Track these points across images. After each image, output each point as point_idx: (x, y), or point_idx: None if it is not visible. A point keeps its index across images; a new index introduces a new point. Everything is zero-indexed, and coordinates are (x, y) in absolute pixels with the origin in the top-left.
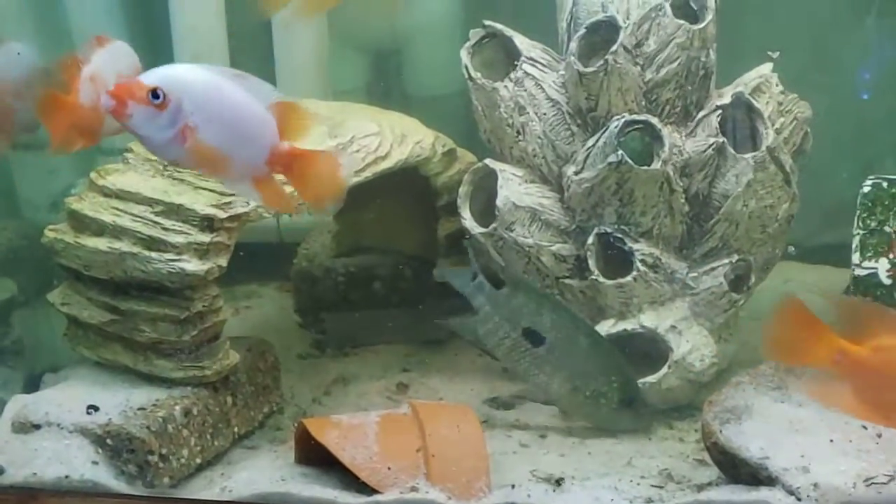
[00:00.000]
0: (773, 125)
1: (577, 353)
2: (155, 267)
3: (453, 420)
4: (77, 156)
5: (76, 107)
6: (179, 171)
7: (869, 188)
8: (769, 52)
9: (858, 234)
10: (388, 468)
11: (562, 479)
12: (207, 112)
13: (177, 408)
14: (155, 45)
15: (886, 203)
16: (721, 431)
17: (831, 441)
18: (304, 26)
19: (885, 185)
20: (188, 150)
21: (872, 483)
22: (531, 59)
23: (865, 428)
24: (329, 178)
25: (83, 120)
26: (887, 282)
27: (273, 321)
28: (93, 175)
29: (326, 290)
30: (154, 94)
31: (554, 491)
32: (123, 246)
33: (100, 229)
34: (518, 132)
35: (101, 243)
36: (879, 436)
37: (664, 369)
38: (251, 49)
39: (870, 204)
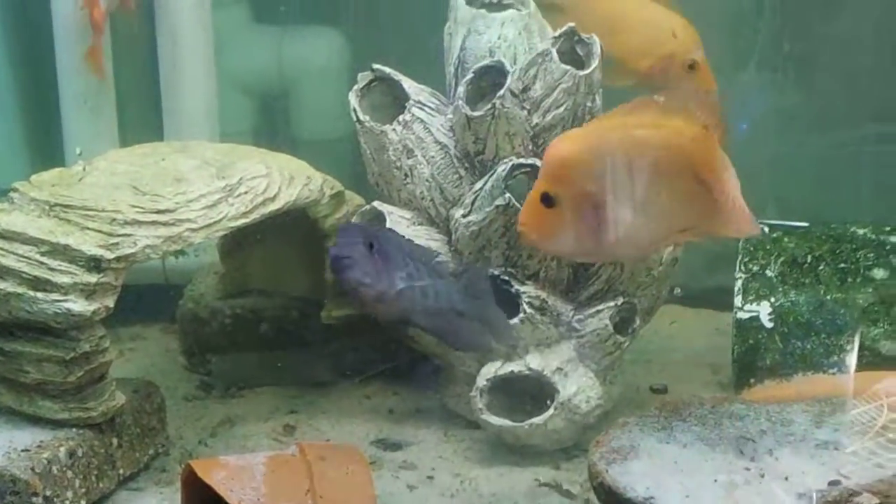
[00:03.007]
0: None
1: None
2: (40, 307)
3: (341, 461)
4: None
5: None
6: (66, 212)
7: None
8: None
9: (741, 278)
10: None
11: None
12: None
13: (61, 449)
14: (39, 85)
15: (768, 248)
16: (607, 471)
17: (715, 481)
18: (191, 69)
19: (765, 229)
20: None
21: None
22: (419, 102)
23: (748, 469)
24: None
25: None
26: (769, 325)
27: (158, 363)
28: None
29: (213, 332)
30: None
31: None
32: (8, 286)
33: None
34: (406, 175)
35: None
36: (763, 475)
37: (550, 411)
38: (138, 91)
39: (752, 249)
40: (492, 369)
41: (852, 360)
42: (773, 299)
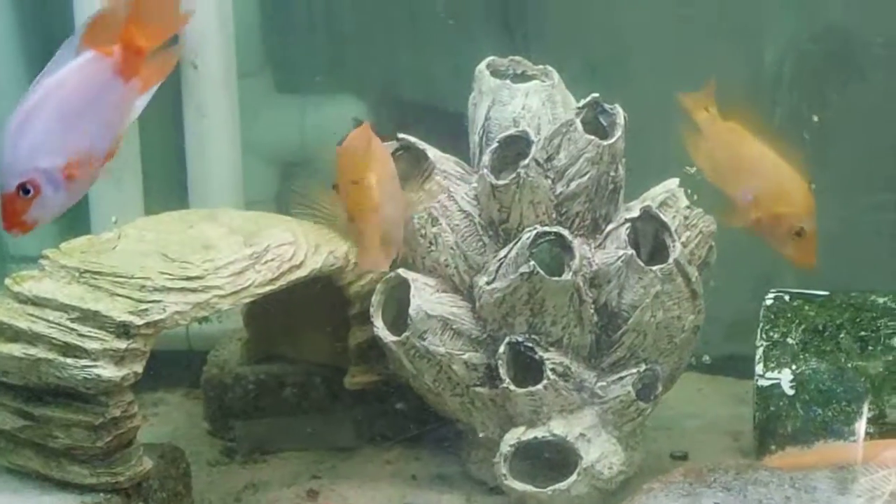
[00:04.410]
0: (679, 238)
1: None
2: (70, 373)
3: None
4: None
5: None
6: (96, 278)
7: (771, 301)
8: (686, 168)
9: (762, 345)
10: None
11: None
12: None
13: None
14: None
15: (789, 315)
16: None
17: None
18: (216, 138)
19: (786, 297)
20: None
21: None
22: (444, 171)
23: None
24: None
25: None
26: (790, 392)
27: (182, 428)
28: (8, 281)
29: (236, 397)
30: (24, 189)
31: None
32: (38, 352)
33: (15, 335)
34: (430, 242)
35: (16, 349)
36: None
37: (573, 476)
38: (163, 160)
39: (772, 316)
40: (515, 435)
41: (872, 428)
42: (794, 367)
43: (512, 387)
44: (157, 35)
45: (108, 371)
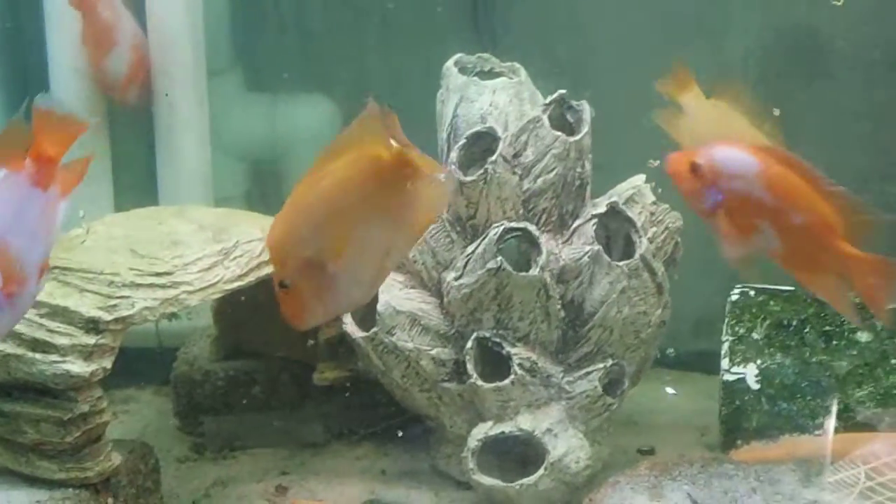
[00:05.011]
0: (645, 234)
1: None
2: (39, 368)
3: None
4: None
5: None
6: (65, 274)
7: (737, 296)
8: (650, 161)
9: (727, 340)
10: None
11: None
12: None
13: None
14: None
15: (754, 311)
16: None
17: None
18: (186, 135)
19: (752, 293)
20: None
21: None
22: None
23: None
24: None
25: None
26: (755, 387)
27: (151, 424)
28: None
29: (206, 394)
30: None
31: None
32: (7, 348)
33: None
34: None
35: None
36: None
37: (540, 471)
38: (133, 157)
39: (738, 311)
40: (483, 430)
41: (836, 422)
42: (759, 361)
43: (479, 382)
44: (65, 142)
45: (76, 366)
